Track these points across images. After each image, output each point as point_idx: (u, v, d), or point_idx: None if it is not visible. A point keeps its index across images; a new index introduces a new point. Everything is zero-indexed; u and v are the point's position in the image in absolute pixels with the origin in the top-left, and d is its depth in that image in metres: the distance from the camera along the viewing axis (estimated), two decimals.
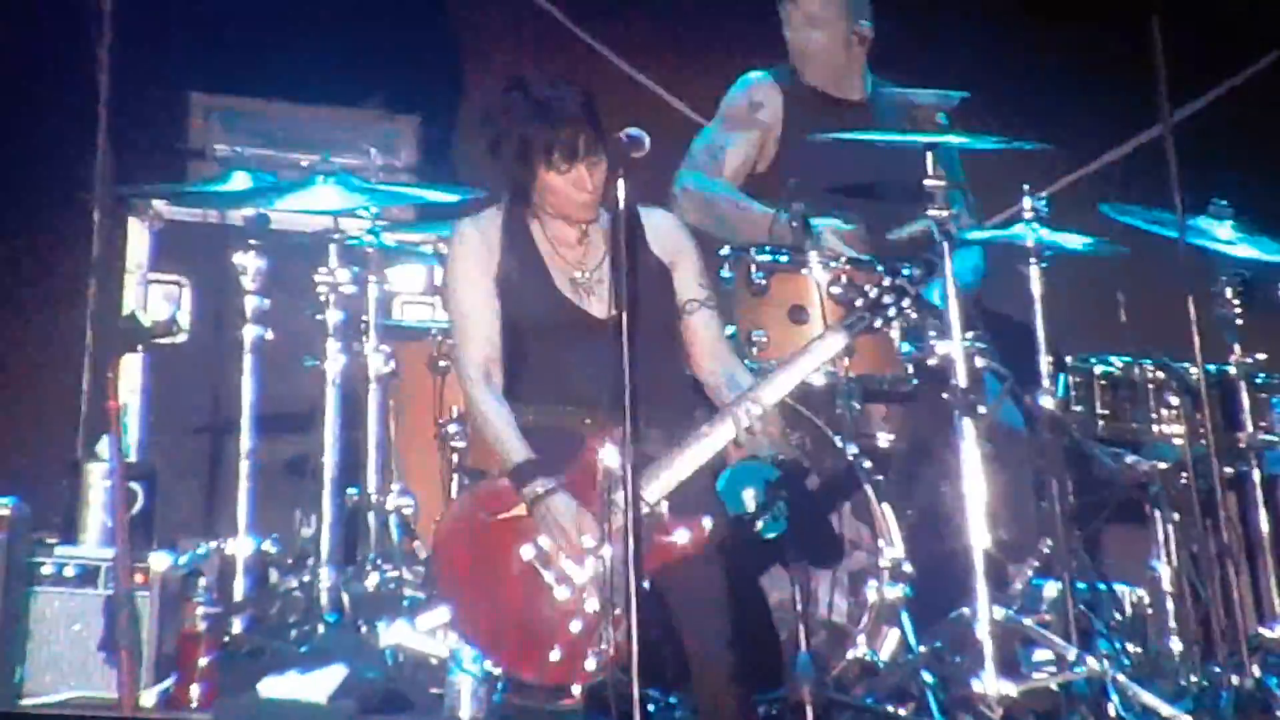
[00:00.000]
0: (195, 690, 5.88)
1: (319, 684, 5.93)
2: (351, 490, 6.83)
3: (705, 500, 5.08)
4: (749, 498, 5.42)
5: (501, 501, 5.03)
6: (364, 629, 6.37)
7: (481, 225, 5.35)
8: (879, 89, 7.33)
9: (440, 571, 5.28)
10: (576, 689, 4.94)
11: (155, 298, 7.55)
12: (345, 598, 6.56)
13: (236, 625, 6.44)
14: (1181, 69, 6.83)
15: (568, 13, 8.28)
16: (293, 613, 6.56)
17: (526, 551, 4.97)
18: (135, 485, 6.30)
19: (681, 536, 4.95)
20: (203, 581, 6.25)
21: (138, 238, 7.57)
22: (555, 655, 4.91)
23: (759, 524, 5.65)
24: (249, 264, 6.86)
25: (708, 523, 5.00)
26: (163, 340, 6.65)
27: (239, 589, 6.65)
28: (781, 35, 7.39)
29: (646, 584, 4.90)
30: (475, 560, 5.02)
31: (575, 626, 4.89)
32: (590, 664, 4.82)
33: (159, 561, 6.01)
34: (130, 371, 7.38)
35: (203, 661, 5.90)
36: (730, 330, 6.13)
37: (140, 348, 6.95)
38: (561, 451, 4.95)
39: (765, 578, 5.81)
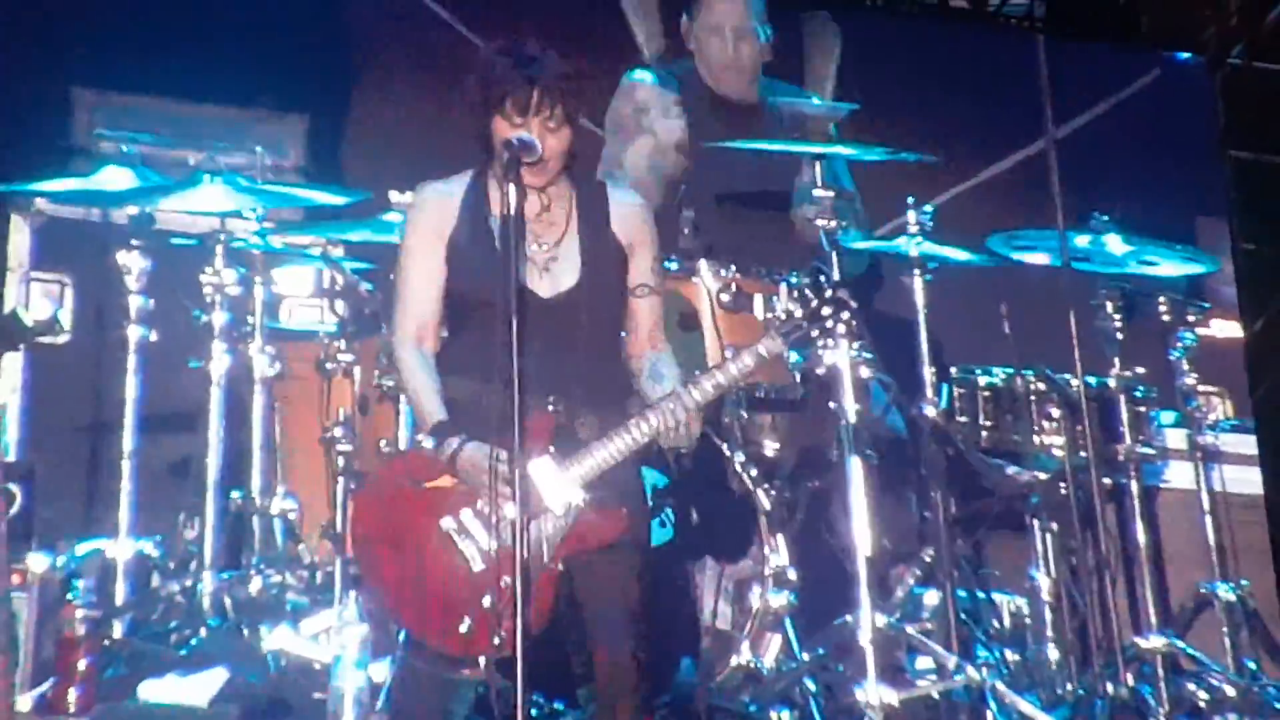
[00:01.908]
0: (73, 694, 5.80)
1: (200, 688, 5.89)
2: (235, 493, 6.78)
3: (627, 492, 5.09)
4: None
5: (428, 470, 5.01)
6: (247, 633, 6.32)
7: (444, 189, 5.22)
8: (770, 93, 7.39)
9: (357, 531, 5.23)
10: (481, 661, 4.93)
11: (36, 296, 7.44)
12: (228, 601, 6.50)
13: (117, 628, 6.37)
14: (1065, 86, 6.95)
15: (458, 16, 8.26)
16: (174, 616, 6.49)
17: (447, 523, 4.96)
18: (14, 485, 6.20)
19: (599, 527, 4.96)
20: (82, 584, 6.18)
21: (19, 235, 7.47)
22: (464, 626, 4.91)
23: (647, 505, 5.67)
24: (133, 263, 6.78)
25: (625, 514, 5.00)
26: (44, 339, 6.52)
27: (120, 592, 6.57)
28: (673, 39, 7.43)
29: (560, 567, 4.93)
30: (395, 524, 5.01)
31: (487, 601, 4.89)
32: (498, 639, 4.82)
33: (38, 563, 5.93)
34: (10, 370, 7.27)
35: (82, 665, 5.83)
36: None
37: (21, 346, 6.84)
38: (483, 430, 4.91)
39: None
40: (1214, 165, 7.88)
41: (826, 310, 5.13)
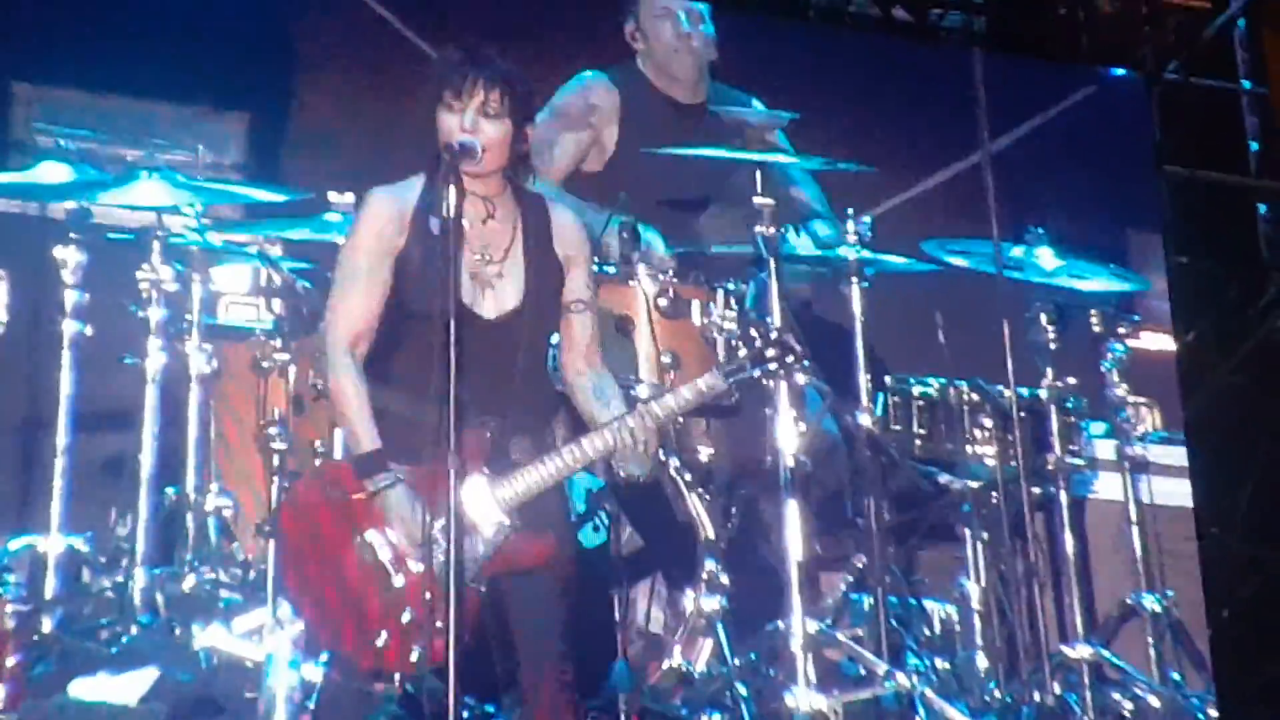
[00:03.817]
0: (2, 690, 5.77)
1: (130, 686, 5.88)
2: (170, 490, 6.76)
3: (554, 516, 5.09)
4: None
5: (354, 482, 5.00)
6: (178, 631, 6.30)
7: (396, 198, 5.15)
8: (714, 97, 7.40)
9: (281, 538, 5.24)
10: (397, 676, 4.93)
11: None
12: (160, 599, 6.48)
13: (47, 624, 6.32)
14: (1001, 99, 7.01)
15: (402, 18, 8.26)
16: (105, 613, 6.47)
17: (371, 535, 4.95)
18: None
19: (527, 550, 4.96)
20: (12, 579, 6.16)
21: None
22: (382, 641, 4.90)
23: (579, 533, 5.70)
24: (69, 258, 6.76)
25: (553, 539, 5.01)
26: None
27: (50, 587, 6.52)
28: (618, 41, 7.44)
29: (484, 588, 4.92)
30: (319, 534, 4.98)
31: (406, 616, 4.88)
32: (415, 655, 4.82)
33: None
34: None
35: (10, 661, 5.80)
36: None
37: None
38: (417, 446, 4.89)
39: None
40: (1148, 180, 7.95)
41: (771, 352, 5.18)
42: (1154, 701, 6.65)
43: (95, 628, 6.41)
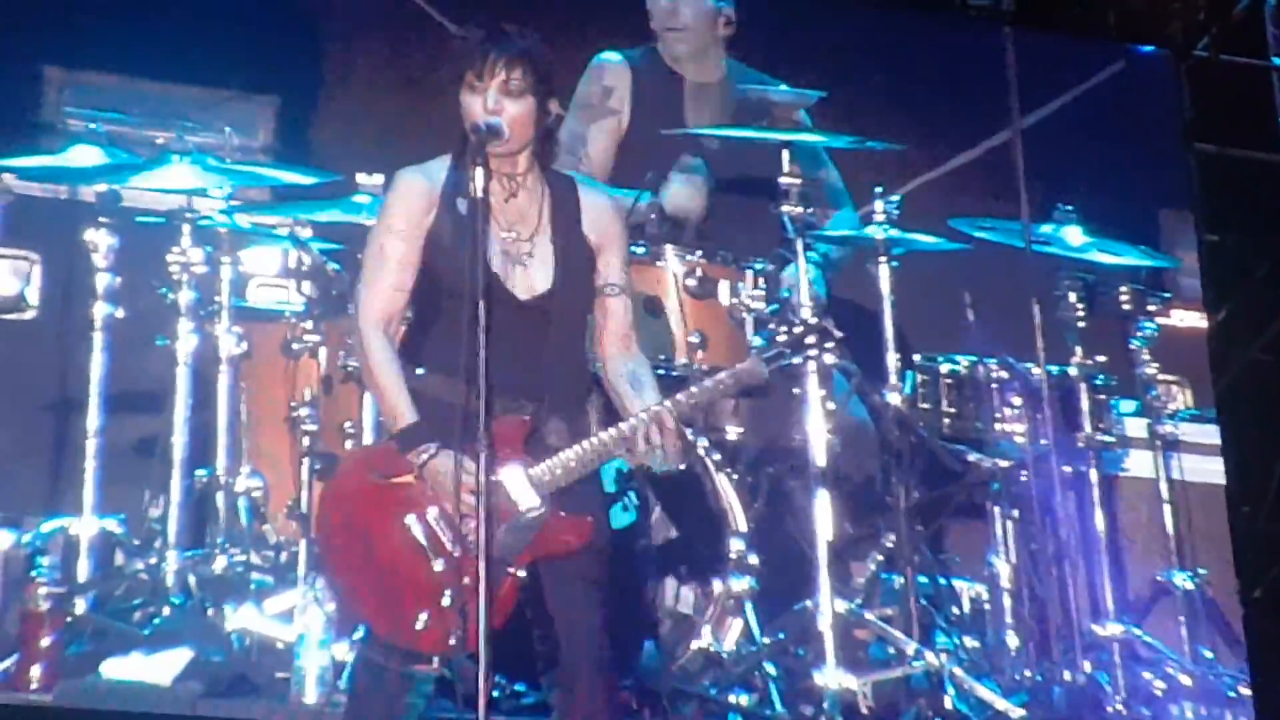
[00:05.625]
0: (36, 671, 5.82)
1: (163, 666, 5.91)
2: (201, 472, 6.78)
3: (591, 500, 5.06)
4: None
5: (395, 465, 4.99)
6: (211, 612, 6.34)
7: (424, 177, 5.10)
8: (735, 75, 7.37)
9: (321, 522, 5.24)
10: (435, 660, 4.94)
11: (4, 273, 7.43)
12: (192, 580, 6.50)
13: (80, 605, 6.35)
14: (1031, 77, 7.00)
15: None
16: (138, 594, 6.49)
17: (411, 519, 4.94)
18: None
19: (564, 535, 4.96)
20: (46, 560, 6.20)
21: None
22: (421, 623, 4.91)
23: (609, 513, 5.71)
24: (100, 241, 6.79)
25: (590, 522, 5.01)
26: (10, 316, 6.56)
27: (84, 569, 6.56)
28: (642, 20, 7.43)
29: (523, 573, 4.93)
30: (359, 517, 4.98)
31: (445, 599, 4.89)
32: (454, 639, 4.83)
33: (1, 539, 5.93)
34: None
35: (45, 642, 5.85)
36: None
37: None
38: (449, 425, 4.88)
39: None
40: (1179, 157, 7.92)
41: (810, 339, 5.17)
42: (1186, 680, 6.64)
43: (128, 609, 6.44)
